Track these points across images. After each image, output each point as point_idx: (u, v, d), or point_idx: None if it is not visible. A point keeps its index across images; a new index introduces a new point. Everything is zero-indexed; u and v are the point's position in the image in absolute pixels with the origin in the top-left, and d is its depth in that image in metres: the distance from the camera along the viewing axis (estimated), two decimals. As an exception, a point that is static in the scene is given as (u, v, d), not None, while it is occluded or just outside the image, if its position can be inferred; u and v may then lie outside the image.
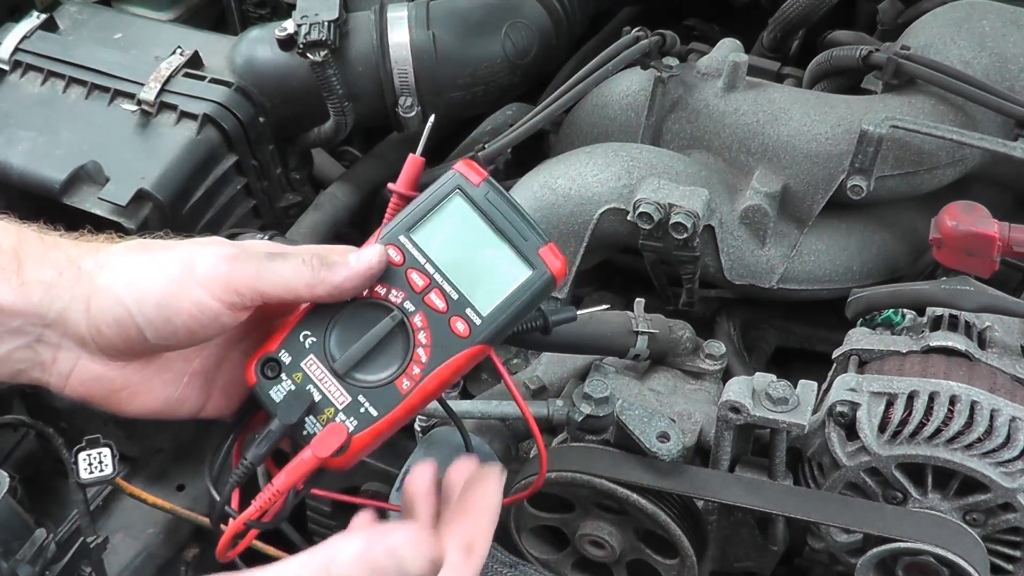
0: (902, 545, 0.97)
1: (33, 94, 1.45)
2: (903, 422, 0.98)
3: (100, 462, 1.21)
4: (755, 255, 1.30)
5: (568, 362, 1.24)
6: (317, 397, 0.76)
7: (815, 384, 1.03)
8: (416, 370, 0.75)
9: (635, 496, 1.01)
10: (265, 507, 0.74)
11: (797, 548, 1.14)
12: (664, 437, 1.01)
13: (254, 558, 1.34)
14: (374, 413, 0.75)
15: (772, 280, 1.31)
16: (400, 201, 0.81)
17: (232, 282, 0.72)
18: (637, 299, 1.20)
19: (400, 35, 1.40)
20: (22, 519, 1.21)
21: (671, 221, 1.19)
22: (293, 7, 1.38)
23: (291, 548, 1.39)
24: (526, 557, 1.14)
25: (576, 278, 1.30)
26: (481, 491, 0.75)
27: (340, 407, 0.75)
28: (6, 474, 1.21)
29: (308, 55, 1.34)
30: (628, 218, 1.23)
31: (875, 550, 0.99)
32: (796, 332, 1.43)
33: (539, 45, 1.48)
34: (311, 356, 0.76)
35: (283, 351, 0.76)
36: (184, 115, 1.36)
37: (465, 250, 0.76)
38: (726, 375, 1.19)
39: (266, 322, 0.79)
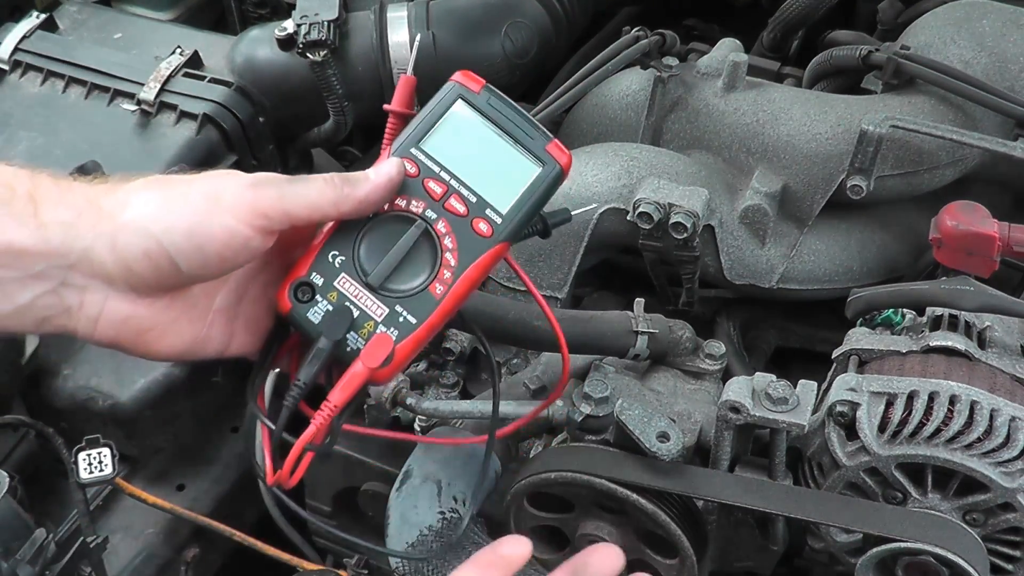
0: (902, 545, 0.97)
1: (33, 94, 1.45)
2: (903, 422, 0.98)
3: (100, 462, 1.21)
4: (755, 255, 1.30)
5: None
6: (356, 313, 0.77)
7: (815, 384, 1.03)
8: (447, 274, 0.77)
9: (635, 496, 1.01)
10: (323, 427, 0.76)
11: (797, 548, 1.14)
12: (664, 437, 1.01)
13: (256, 561, 1.34)
14: (413, 320, 0.77)
15: (772, 280, 1.31)
16: (396, 121, 0.84)
17: (259, 206, 0.72)
18: (637, 299, 1.20)
19: (400, 35, 1.40)
20: (22, 519, 1.21)
21: (671, 221, 1.19)
22: (293, 7, 1.39)
23: (291, 548, 1.40)
24: (526, 557, 1.14)
25: (576, 278, 1.30)
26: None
27: (379, 319, 0.77)
28: (6, 474, 1.21)
29: (308, 55, 1.34)
30: (628, 218, 1.23)
31: (875, 550, 0.99)
32: (796, 332, 1.43)
33: (539, 45, 1.48)
34: (343, 274, 0.77)
35: (314, 273, 0.77)
36: (184, 115, 1.36)
37: (476, 154, 0.78)
38: (726, 375, 1.19)
39: (283, 254, 0.79)
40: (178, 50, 1.43)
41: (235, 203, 0.72)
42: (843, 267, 1.33)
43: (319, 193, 0.74)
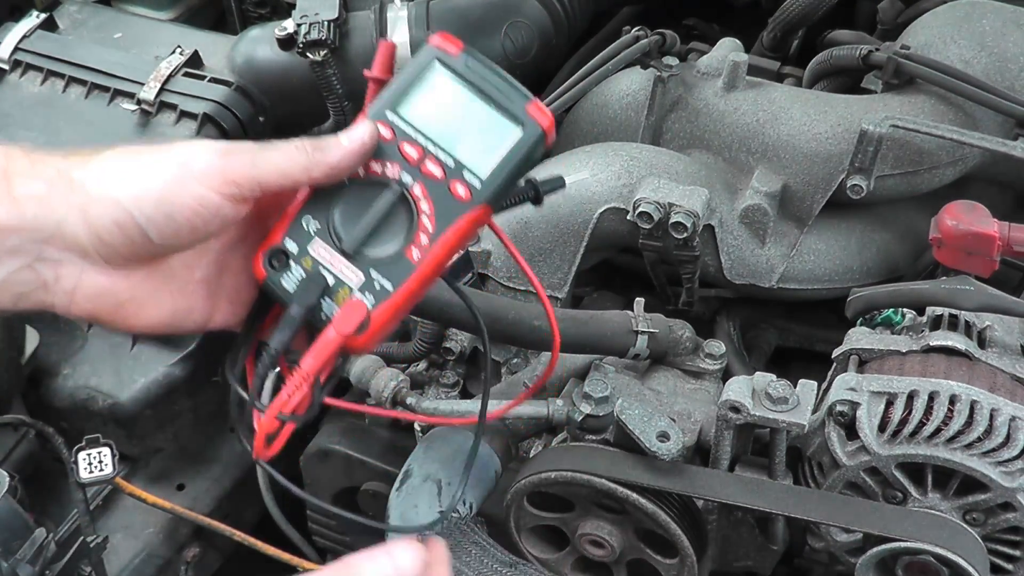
0: (902, 544, 0.97)
1: (33, 94, 1.45)
2: (903, 422, 0.98)
3: (100, 462, 1.21)
4: (755, 255, 1.30)
5: (568, 362, 1.24)
6: (330, 280, 0.75)
7: (815, 384, 1.03)
8: (424, 239, 0.75)
9: (635, 495, 1.01)
10: (294, 395, 0.74)
11: (797, 548, 1.14)
12: (664, 437, 1.01)
13: (256, 561, 1.34)
14: (389, 287, 0.75)
15: (772, 280, 1.31)
16: (377, 86, 0.82)
17: (229, 173, 0.72)
18: (637, 299, 1.20)
19: (400, 34, 1.40)
20: (22, 519, 1.21)
21: (671, 221, 1.19)
22: (293, 7, 1.39)
23: (292, 548, 1.40)
24: (526, 557, 1.14)
25: (576, 278, 1.30)
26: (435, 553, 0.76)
27: (355, 286, 0.75)
28: (6, 474, 1.21)
29: (308, 54, 1.34)
30: (628, 218, 1.22)
31: (875, 549, 0.99)
32: (796, 332, 1.43)
33: (539, 44, 1.48)
34: (317, 240, 0.76)
35: (288, 240, 0.76)
36: (184, 114, 1.36)
37: (454, 117, 0.76)
38: (726, 375, 1.19)
39: (262, 223, 0.79)
40: (178, 50, 1.43)
41: (205, 171, 0.71)
42: (843, 267, 1.33)
43: (290, 159, 0.73)
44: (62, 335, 1.45)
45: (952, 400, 0.97)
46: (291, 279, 0.76)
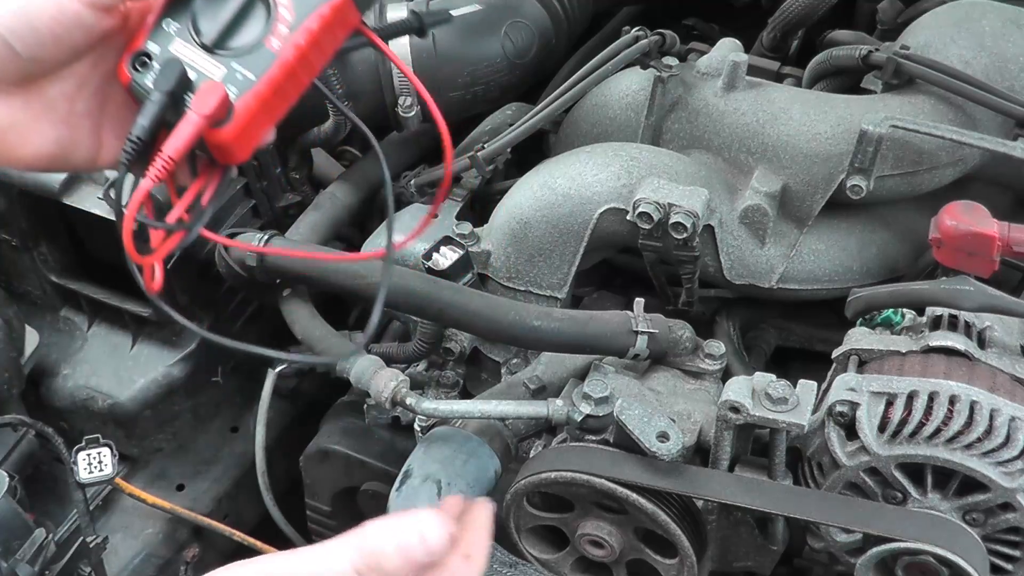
0: (902, 545, 0.97)
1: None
2: (903, 422, 0.98)
3: (100, 462, 1.21)
4: (755, 255, 1.30)
5: (568, 362, 1.24)
6: (193, 75, 0.76)
7: (815, 384, 1.03)
8: (282, 28, 0.76)
9: (635, 496, 1.01)
10: (162, 176, 0.74)
11: (797, 548, 1.14)
12: (664, 437, 1.01)
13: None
14: (252, 76, 0.76)
15: (772, 280, 1.31)
16: None
17: None
18: (637, 299, 1.20)
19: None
20: (22, 519, 1.21)
21: (671, 221, 1.19)
22: (293, 7, 1.38)
23: (291, 548, 1.39)
24: (526, 557, 1.14)
25: (576, 278, 1.30)
26: (476, 514, 0.80)
27: (217, 79, 0.76)
28: (6, 474, 1.21)
29: (308, 55, 1.34)
30: (628, 218, 1.23)
31: (875, 550, 0.99)
32: (796, 332, 1.43)
33: (539, 45, 1.48)
34: (178, 40, 0.77)
35: (150, 43, 0.77)
36: (184, 115, 1.36)
37: None
38: (726, 375, 1.19)
39: None
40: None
41: None
42: (843, 267, 1.33)
43: None
44: (62, 335, 1.46)
45: (952, 400, 0.97)
46: (153, 76, 0.77)
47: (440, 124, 0.82)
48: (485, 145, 1.38)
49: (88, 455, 1.21)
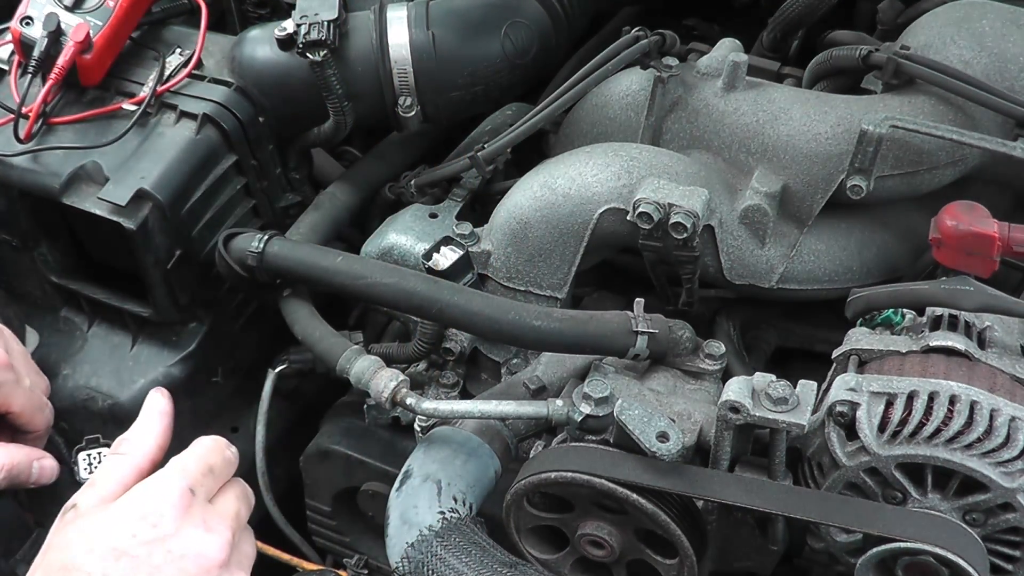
0: (902, 545, 0.97)
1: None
2: (903, 422, 0.98)
3: (100, 462, 1.21)
4: (755, 255, 1.30)
5: (568, 362, 1.24)
6: (63, 25, 1.27)
7: (815, 384, 1.03)
8: None
9: (635, 496, 1.01)
10: (57, 80, 1.27)
11: (797, 548, 1.14)
12: (664, 437, 1.01)
13: (256, 561, 1.34)
14: (100, 23, 1.30)
15: (772, 280, 1.31)
16: None
17: None
18: (637, 299, 1.20)
19: (399, 35, 1.40)
20: (22, 519, 1.21)
21: (671, 221, 1.19)
22: (293, 7, 1.38)
23: (291, 548, 1.40)
24: (526, 557, 1.14)
25: (576, 278, 1.30)
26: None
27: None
28: (6, 474, 1.21)
29: (308, 55, 1.34)
30: (628, 218, 1.23)
31: (875, 550, 0.99)
32: (796, 332, 1.43)
33: (539, 45, 1.48)
34: (49, 4, 1.26)
35: (31, 8, 1.27)
36: (184, 115, 1.36)
37: None
38: (726, 375, 1.19)
39: None
40: (178, 50, 1.43)
41: None
42: (843, 267, 1.33)
43: None
44: (62, 335, 1.46)
45: (952, 400, 0.97)
46: (38, 30, 1.27)
47: None
48: (485, 145, 1.38)
49: (88, 455, 1.21)
